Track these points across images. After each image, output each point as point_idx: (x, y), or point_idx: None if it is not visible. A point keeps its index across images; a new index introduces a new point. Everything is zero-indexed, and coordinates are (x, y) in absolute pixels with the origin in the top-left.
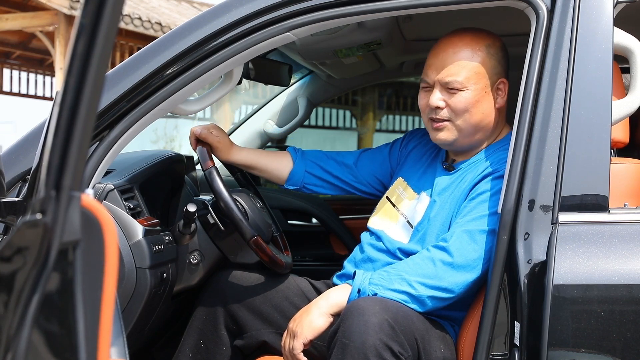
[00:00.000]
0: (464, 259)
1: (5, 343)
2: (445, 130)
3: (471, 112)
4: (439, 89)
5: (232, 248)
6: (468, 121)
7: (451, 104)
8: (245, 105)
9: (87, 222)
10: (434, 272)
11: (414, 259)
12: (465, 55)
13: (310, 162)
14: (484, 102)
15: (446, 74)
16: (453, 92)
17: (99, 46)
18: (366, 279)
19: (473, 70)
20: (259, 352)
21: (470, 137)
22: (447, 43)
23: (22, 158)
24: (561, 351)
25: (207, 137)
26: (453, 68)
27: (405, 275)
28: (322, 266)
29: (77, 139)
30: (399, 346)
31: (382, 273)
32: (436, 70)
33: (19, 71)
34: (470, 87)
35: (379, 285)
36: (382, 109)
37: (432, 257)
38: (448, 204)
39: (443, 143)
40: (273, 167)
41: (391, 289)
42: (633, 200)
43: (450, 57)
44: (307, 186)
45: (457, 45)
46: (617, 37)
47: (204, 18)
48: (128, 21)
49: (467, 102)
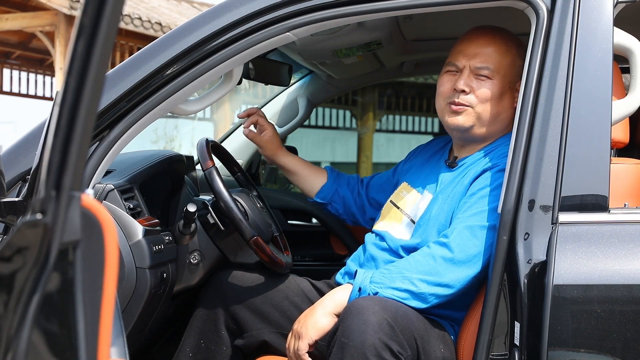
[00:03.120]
0: (465, 254)
1: (5, 343)
2: (464, 115)
3: (493, 103)
4: (468, 74)
5: (232, 248)
6: (488, 110)
7: (477, 90)
8: (245, 105)
9: (87, 222)
10: (434, 268)
11: (415, 256)
12: (500, 48)
13: (343, 184)
14: (506, 96)
15: (479, 60)
16: (482, 79)
17: (99, 46)
18: (367, 277)
19: (504, 62)
20: (259, 352)
21: (485, 127)
22: (482, 33)
23: (22, 158)
24: (561, 351)
25: (264, 125)
26: (486, 57)
27: (407, 273)
28: (322, 266)
29: (77, 139)
30: (398, 346)
31: (384, 271)
32: (468, 56)
33: (19, 71)
34: (498, 79)
35: (380, 284)
36: (382, 109)
37: (433, 254)
38: (450, 199)
39: (459, 128)
40: (310, 178)
41: (392, 287)
42: (633, 200)
43: (485, 47)
44: (334, 204)
45: (493, 38)
46: (617, 37)
47: (204, 18)
48: (128, 21)
49: (493, 92)
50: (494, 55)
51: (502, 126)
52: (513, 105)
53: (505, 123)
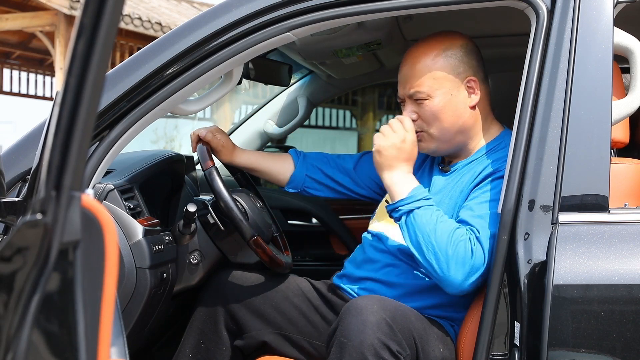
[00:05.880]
0: (478, 263)
1: (5, 343)
2: (424, 141)
3: (441, 119)
4: (409, 102)
5: (232, 248)
6: (440, 127)
7: (422, 115)
8: (245, 105)
9: (87, 222)
10: (452, 253)
11: (450, 232)
12: (423, 65)
13: (311, 166)
14: (453, 105)
15: (409, 86)
16: (420, 102)
17: (99, 46)
18: (420, 200)
19: (432, 77)
20: (259, 352)
21: (449, 142)
22: (407, 56)
23: (22, 158)
24: (561, 351)
25: (211, 140)
26: (414, 80)
27: (432, 235)
28: (322, 266)
29: (77, 139)
30: (397, 345)
31: (427, 210)
32: (402, 85)
33: (19, 71)
34: (435, 94)
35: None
36: (382, 109)
37: (472, 249)
38: (445, 204)
39: (427, 152)
40: (275, 169)
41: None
42: (633, 200)
43: (410, 70)
44: (308, 190)
45: (414, 56)
46: (617, 37)
47: (204, 18)
48: (128, 21)
49: (435, 110)
50: (419, 75)
51: (468, 130)
52: (469, 106)
53: (469, 125)
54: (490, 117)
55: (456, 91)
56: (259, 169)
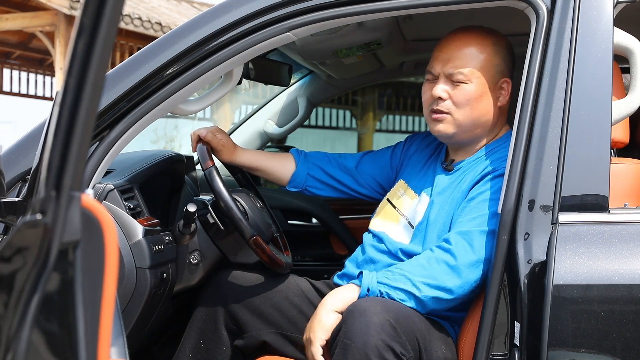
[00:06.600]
0: (467, 260)
1: (5, 343)
2: (445, 123)
3: (472, 107)
4: (444, 80)
5: (232, 248)
6: (468, 115)
7: (453, 96)
8: (245, 105)
9: (87, 222)
10: (437, 273)
11: (418, 259)
12: (471, 50)
13: (313, 165)
14: (486, 98)
15: (452, 65)
16: (457, 84)
17: (99, 46)
18: (373, 278)
19: (478, 65)
20: (259, 352)
21: (469, 132)
22: (455, 38)
23: (22, 158)
24: (561, 351)
25: (211, 140)
26: (459, 61)
27: (410, 276)
28: (322, 266)
29: (77, 139)
30: (400, 347)
31: (387, 273)
32: (442, 62)
33: (19, 71)
34: (474, 81)
35: (384, 285)
36: (382, 109)
37: (437, 258)
38: (448, 204)
39: (442, 135)
40: (276, 169)
41: (395, 287)
42: (633, 200)
43: (457, 51)
44: (309, 188)
45: (465, 40)
46: (617, 37)
47: (204, 18)
48: (128, 21)
49: (470, 96)
50: (466, 58)
51: (488, 127)
52: (497, 105)
53: (492, 123)
54: (504, 121)
55: (492, 86)
56: (260, 168)
